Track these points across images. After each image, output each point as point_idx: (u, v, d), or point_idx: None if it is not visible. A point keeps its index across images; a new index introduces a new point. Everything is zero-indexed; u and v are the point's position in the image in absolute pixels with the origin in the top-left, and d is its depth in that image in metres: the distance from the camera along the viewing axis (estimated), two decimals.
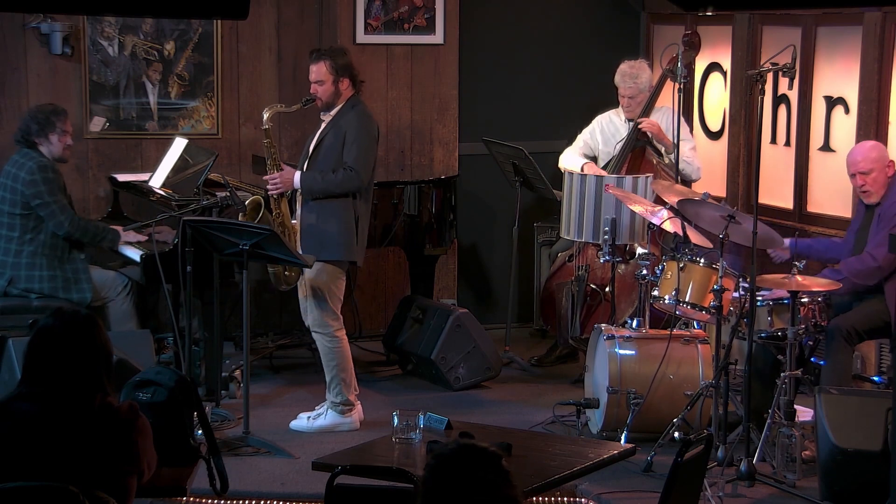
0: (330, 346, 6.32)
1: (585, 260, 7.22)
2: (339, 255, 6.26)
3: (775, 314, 5.93)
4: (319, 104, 6.34)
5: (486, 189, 8.43)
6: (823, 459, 5.38)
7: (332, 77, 6.27)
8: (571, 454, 4.54)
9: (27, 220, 6.63)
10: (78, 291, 6.65)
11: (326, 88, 6.28)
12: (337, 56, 6.31)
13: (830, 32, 7.19)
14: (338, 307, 6.33)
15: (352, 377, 6.38)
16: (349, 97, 6.32)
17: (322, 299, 6.26)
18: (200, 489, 4.89)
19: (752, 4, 6.06)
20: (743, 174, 7.80)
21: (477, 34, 8.38)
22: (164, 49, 7.92)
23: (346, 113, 6.29)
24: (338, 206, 6.24)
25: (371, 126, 6.33)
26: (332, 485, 3.89)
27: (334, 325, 6.31)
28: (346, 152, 6.20)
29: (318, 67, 6.29)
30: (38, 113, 6.72)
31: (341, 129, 6.25)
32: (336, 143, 6.24)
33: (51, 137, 6.68)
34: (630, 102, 7.32)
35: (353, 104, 6.32)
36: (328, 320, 6.29)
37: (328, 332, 6.31)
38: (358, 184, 6.20)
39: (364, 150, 6.23)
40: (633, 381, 6.11)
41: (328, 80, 6.27)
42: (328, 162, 6.23)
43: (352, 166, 6.18)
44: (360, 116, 6.29)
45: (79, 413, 3.56)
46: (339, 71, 6.27)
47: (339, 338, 6.33)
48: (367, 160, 6.24)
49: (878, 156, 6.18)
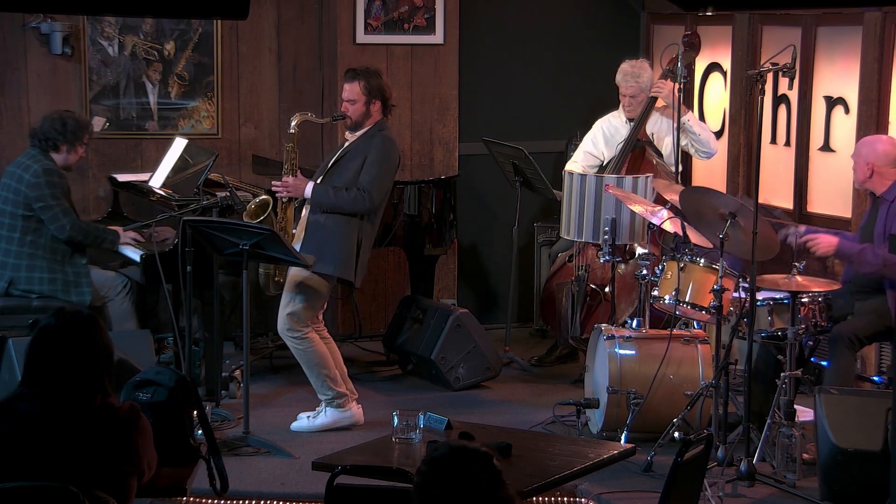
0: (302, 349, 6.31)
1: (585, 260, 7.22)
2: (333, 270, 6.25)
3: (775, 314, 5.93)
4: (349, 123, 6.36)
5: (486, 189, 8.43)
6: (823, 459, 5.38)
7: (365, 98, 6.29)
8: (571, 454, 4.54)
9: (29, 221, 6.62)
10: (78, 294, 6.64)
11: (357, 108, 6.30)
12: (372, 77, 6.33)
13: (830, 32, 7.19)
14: (311, 316, 6.30)
15: (334, 371, 6.37)
16: (378, 120, 6.34)
17: (296, 302, 6.25)
18: (200, 489, 4.89)
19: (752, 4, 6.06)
20: (743, 174, 7.80)
21: (477, 34, 8.38)
22: (164, 49, 7.92)
23: (372, 136, 6.31)
24: (344, 224, 6.24)
25: (394, 153, 6.36)
26: (332, 485, 3.89)
27: (302, 329, 6.29)
28: (364, 173, 6.22)
29: (353, 87, 6.31)
30: (66, 123, 6.66)
31: (364, 150, 6.27)
32: (356, 163, 6.25)
33: (77, 148, 6.70)
34: (631, 102, 7.32)
35: (380, 128, 6.34)
36: (295, 324, 6.26)
37: (297, 335, 6.28)
38: (368, 206, 6.22)
39: (381, 174, 6.25)
40: (633, 381, 6.11)
41: (360, 101, 6.30)
42: (343, 179, 6.25)
43: (366, 188, 6.20)
44: (385, 141, 6.31)
45: (79, 413, 3.57)
46: (373, 92, 6.29)
47: (309, 338, 6.30)
48: (381, 185, 6.27)
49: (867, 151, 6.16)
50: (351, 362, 7.09)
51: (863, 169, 6.14)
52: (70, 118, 6.72)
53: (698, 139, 7.19)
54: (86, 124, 6.83)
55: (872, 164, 6.11)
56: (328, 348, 6.40)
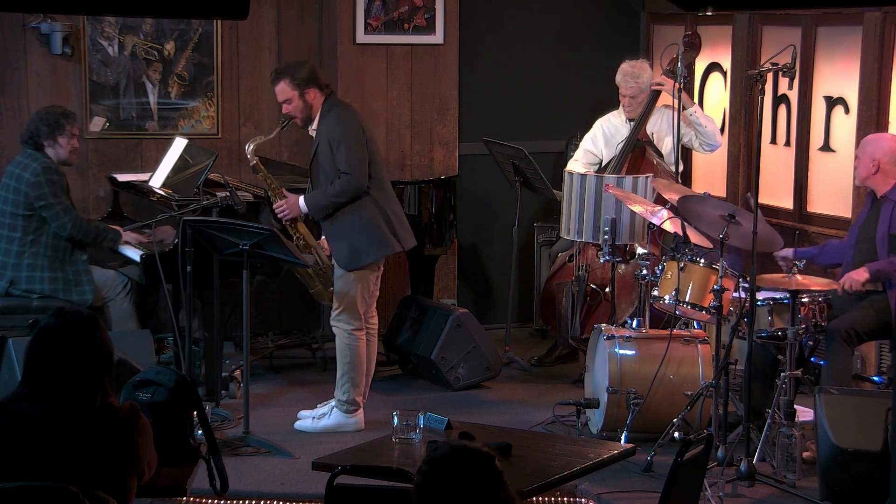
0: (346, 343, 6.31)
1: (585, 260, 7.22)
2: (374, 256, 6.25)
3: (775, 314, 5.93)
4: (298, 122, 6.30)
5: (486, 189, 8.42)
6: (823, 459, 5.38)
7: (297, 92, 6.20)
8: (571, 454, 4.54)
9: (29, 221, 6.62)
10: (79, 293, 6.64)
11: (296, 105, 6.22)
12: (295, 70, 6.24)
13: (830, 32, 7.19)
14: (363, 308, 6.29)
15: (361, 378, 6.37)
16: (322, 103, 6.26)
17: (345, 296, 6.26)
18: (200, 489, 4.89)
19: (752, 4, 6.06)
20: (743, 174, 7.80)
21: (477, 34, 8.38)
22: (164, 49, 7.92)
23: (324, 119, 6.23)
24: (354, 212, 6.21)
25: (350, 123, 6.22)
26: (332, 485, 3.89)
27: (354, 324, 6.29)
28: (337, 158, 6.16)
29: (281, 87, 6.23)
30: (47, 115, 6.69)
31: (325, 136, 6.21)
32: (327, 152, 6.19)
33: (60, 140, 6.67)
34: (631, 102, 7.32)
35: (328, 108, 6.24)
36: (349, 318, 6.28)
37: (346, 328, 6.29)
38: (357, 184, 6.17)
39: (351, 149, 6.16)
40: (633, 381, 6.11)
41: (294, 97, 6.21)
42: (328, 174, 6.22)
43: (344, 170, 6.15)
44: (338, 118, 6.21)
45: (79, 413, 3.56)
46: (302, 84, 6.18)
47: (357, 337, 6.31)
48: (357, 158, 6.17)
49: (872, 148, 6.17)
50: None
51: (867, 165, 6.14)
52: (47, 112, 6.70)
53: (704, 131, 7.19)
54: (65, 112, 6.76)
55: (878, 160, 6.11)
56: (368, 345, 6.40)
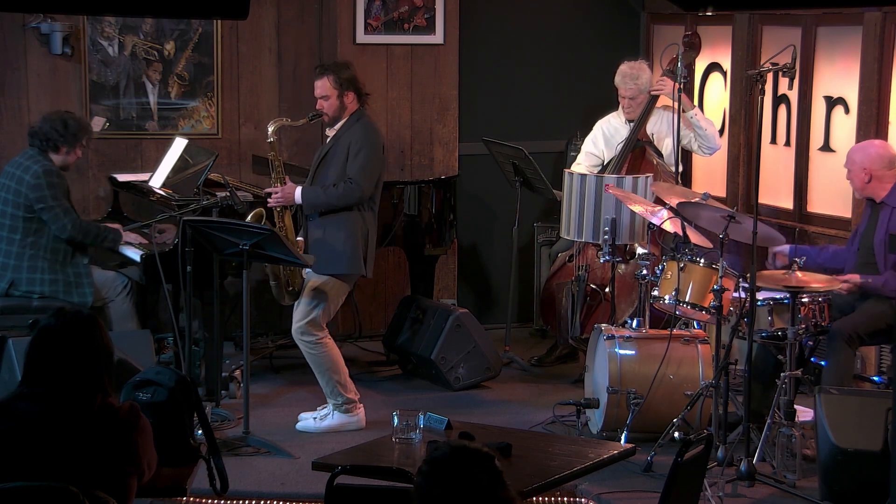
0: (315, 353, 6.29)
1: (585, 260, 7.22)
2: (347, 268, 6.25)
3: (775, 314, 5.93)
4: (326, 119, 6.34)
5: (486, 189, 8.43)
6: (823, 459, 5.38)
7: (337, 91, 6.26)
8: (571, 454, 4.54)
9: (29, 222, 6.62)
10: (79, 295, 6.64)
11: (332, 103, 6.28)
12: (341, 70, 6.31)
13: (830, 32, 7.19)
14: (326, 320, 6.30)
15: (346, 377, 6.36)
16: (354, 111, 6.31)
17: (315, 307, 6.24)
18: (200, 489, 4.89)
19: (752, 4, 6.06)
20: (743, 174, 7.80)
21: (477, 34, 8.38)
22: (164, 49, 7.92)
23: (350, 126, 6.28)
24: (345, 220, 6.23)
25: (376, 138, 6.32)
26: (332, 485, 3.89)
27: (318, 334, 6.28)
28: (350, 163, 6.20)
29: (322, 83, 6.28)
30: (67, 124, 6.65)
31: (346, 142, 6.24)
32: (340, 157, 6.23)
33: (76, 150, 6.70)
34: (630, 103, 7.32)
35: (357, 117, 6.31)
36: (312, 329, 6.25)
37: (311, 339, 6.27)
38: (359, 195, 6.19)
39: (367, 162, 6.21)
40: (633, 381, 6.11)
41: (333, 95, 6.27)
42: (333, 175, 6.23)
43: (352, 178, 6.17)
44: (365, 128, 6.28)
45: (79, 413, 3.57)
46: (344, 85, 6.26)
47: (324, 342, 6.30)
48: (369, 172, 6.23)
49: (861, 157, 6.17)
50: (351, 362, 7.08)
51: (860, 175, 6.14)
52: (71, 119, 6.72)
53: (704, 134, 7.19)
54: (86, 126, 6.84)
55: (869, 168, 6.12)
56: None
